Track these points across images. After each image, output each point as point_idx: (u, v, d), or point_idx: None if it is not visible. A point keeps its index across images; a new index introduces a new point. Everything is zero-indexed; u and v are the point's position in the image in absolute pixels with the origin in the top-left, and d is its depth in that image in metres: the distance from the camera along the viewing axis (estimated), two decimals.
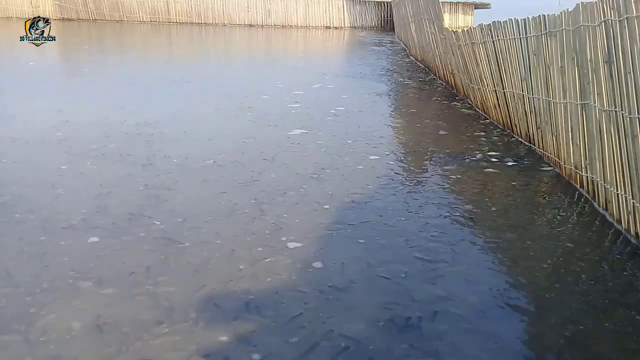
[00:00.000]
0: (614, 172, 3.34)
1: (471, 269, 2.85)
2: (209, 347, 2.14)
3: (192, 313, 2.36)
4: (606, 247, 3.16)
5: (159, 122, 5.65)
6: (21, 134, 5.07)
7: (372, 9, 19.78)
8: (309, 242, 3.06)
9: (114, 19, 18.71)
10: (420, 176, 4.36)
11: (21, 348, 2.12)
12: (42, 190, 3.75)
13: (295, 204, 3.61)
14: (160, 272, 2.70)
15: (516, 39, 4.95)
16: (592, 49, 3.50)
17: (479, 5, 17.66)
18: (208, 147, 4.87)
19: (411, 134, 5.72)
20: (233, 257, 2.87)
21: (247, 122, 5.88)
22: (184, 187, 3.88)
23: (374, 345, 2.19)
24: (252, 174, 4.17)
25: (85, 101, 6.77)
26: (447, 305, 2.49)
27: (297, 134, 5.39)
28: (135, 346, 2.14)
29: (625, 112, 3.08)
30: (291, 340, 2.20)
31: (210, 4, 19.15)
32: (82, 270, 2.68)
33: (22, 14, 17.44)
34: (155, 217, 3.33)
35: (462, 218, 3.49)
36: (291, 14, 19.49)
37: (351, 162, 4.54)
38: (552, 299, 2.58)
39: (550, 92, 4.36)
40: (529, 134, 5.07)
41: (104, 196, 3.65)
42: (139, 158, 4.48)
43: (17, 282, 2.57)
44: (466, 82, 7.05)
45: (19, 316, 2.30)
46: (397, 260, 2.90)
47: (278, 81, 8.57)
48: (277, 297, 2.50)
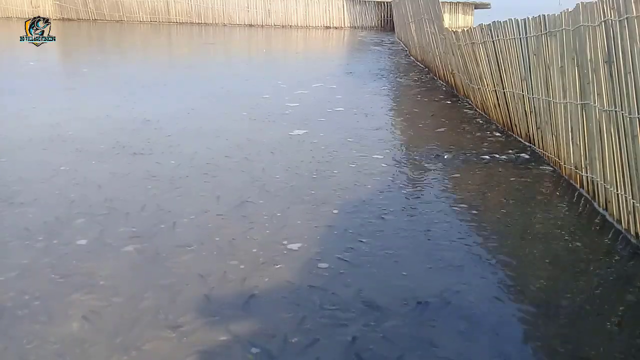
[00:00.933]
0: (614, 172, 3.34)
1: (470, 268, 2.85)
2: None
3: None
4: (606, 247, 3.16)
5: (160, 120, 5.70)
6: (22, 132, 5.09)
7: (372, 9, 19.78)
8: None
9: (114, 19, 18.72)
10: (420, 176, 4.36)
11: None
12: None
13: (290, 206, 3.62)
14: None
15: (516, 39, 4.96)
16: (592, 49, 3.50)
17: (479, 5, 17.67)
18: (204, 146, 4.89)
19: (411, 133, 5.72)
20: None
21: (247, 122, 5.88)
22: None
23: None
24: (255, 173, 4.18)
25: (84, 101, 6.78)
26: (447, 294, 2.50)
27: (299, 134, 5.40)
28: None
29: (625, 112, 3.08)
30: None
31: (210, 4, 19.16)
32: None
33: (22, 14, 17.46)
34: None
35: (462, 218, 3.50)
36: (291, 14, 19.50)
37: (350, 162, 4.55)
38: (552, 299, 2.58)
39: (550, 92, 4.36)
40: (529, 134, 5.07)
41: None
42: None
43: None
44: (466, 82, 7.05)
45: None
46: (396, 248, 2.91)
47: (278, 81, 8.57)
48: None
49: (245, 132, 5.41)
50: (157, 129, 5.41)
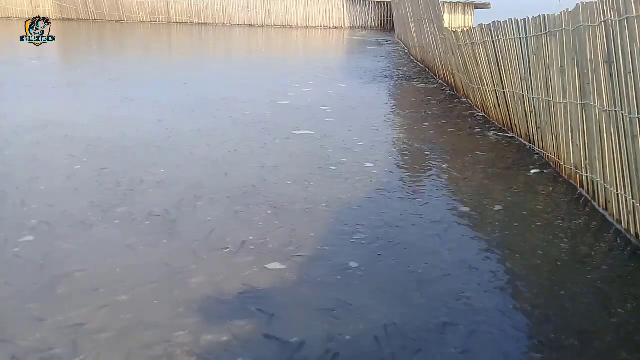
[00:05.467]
0: (614, 172, 3.34)
1: (469, 267, 2.85)
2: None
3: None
4: (606, 247, 3.16)
5: (163, 120, 5.73)
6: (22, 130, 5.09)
7: (372, 9, 19.79)
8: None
9: (114, 19, 18.71)
10: (420, 176, 4.36)
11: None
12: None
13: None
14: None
15: (516, 39, 4.95)
16: (592, 49, 3.50)
17: (479, 5, 17.69)
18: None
19: (410, 133, 5.72)
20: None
21: (247, 121, 5.89)
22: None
23: None
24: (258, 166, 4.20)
25: (83, 102, 6.79)
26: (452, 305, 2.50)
27: (302, 134, 5.40)
28: None
29: (625, 112, 3.08)
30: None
31: (210, 4, 19.16)
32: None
33: (22, 14, 17.45)
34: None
35: (461, 218, 3.50)
36: (291, 14, 19.50)
37: (350, 161, 4.55)
38: (551, 299, 2.58)
39: (550, 92, 4.36)
40: (529, 134, 5.07)
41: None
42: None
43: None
44: (466, 82, 7.05)
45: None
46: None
47: (279, 80, 8.57)
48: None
49: (244, 134, 5.42)
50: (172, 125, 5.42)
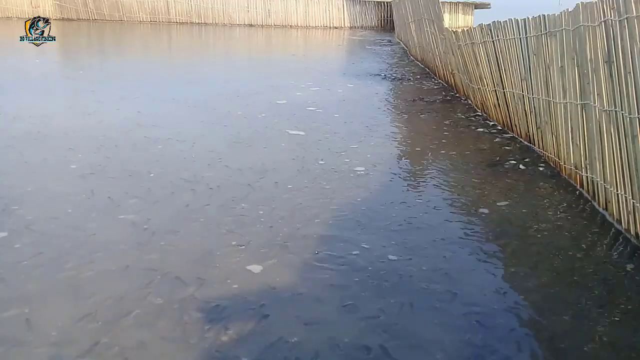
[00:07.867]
0: (614, 172, 3.34)
1: (468, 267, 2.86)
2: None
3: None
4: (606, 247, 3.16)
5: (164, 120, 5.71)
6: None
7: (372, 9, 19.78)
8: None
9: (114, 19, 18.72)
10: (419, 176, 4.36)
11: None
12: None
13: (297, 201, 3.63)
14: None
15: (516, 39, 4.95)
16: (592, 49, 3.50)
17: (479, 5, 17.67)
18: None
19: (410, 133, 5.72)
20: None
21: (246, 122, 5.90)
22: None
23: None
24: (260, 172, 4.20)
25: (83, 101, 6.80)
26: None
27: (299, 134, 5.40)
28: None
29: (625, 112, 3.08)
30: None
31: (210, 4, 19.16)
32: None
33: (22, 14, 17.46)
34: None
35: (461, 218, 3.50)
36: (291, 14, 19.49)
37: (349, 161, 4.56)
38: (551, 299, 2.58)
39: (550, 92, 4.35)
40: (529, 133, 5.07)
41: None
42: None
43: None
44: (466, 82, 7.05)
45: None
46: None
47: (278, 80, 8.57)
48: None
49: (243, 135, 5.43)
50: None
